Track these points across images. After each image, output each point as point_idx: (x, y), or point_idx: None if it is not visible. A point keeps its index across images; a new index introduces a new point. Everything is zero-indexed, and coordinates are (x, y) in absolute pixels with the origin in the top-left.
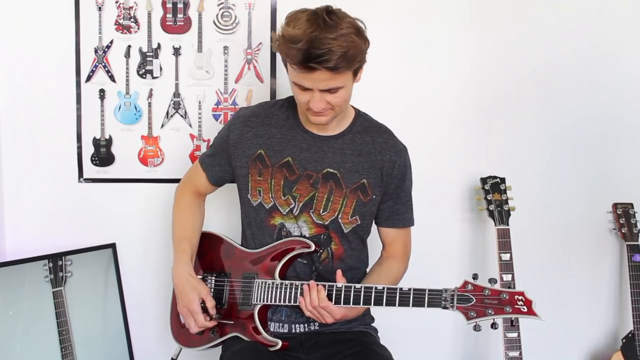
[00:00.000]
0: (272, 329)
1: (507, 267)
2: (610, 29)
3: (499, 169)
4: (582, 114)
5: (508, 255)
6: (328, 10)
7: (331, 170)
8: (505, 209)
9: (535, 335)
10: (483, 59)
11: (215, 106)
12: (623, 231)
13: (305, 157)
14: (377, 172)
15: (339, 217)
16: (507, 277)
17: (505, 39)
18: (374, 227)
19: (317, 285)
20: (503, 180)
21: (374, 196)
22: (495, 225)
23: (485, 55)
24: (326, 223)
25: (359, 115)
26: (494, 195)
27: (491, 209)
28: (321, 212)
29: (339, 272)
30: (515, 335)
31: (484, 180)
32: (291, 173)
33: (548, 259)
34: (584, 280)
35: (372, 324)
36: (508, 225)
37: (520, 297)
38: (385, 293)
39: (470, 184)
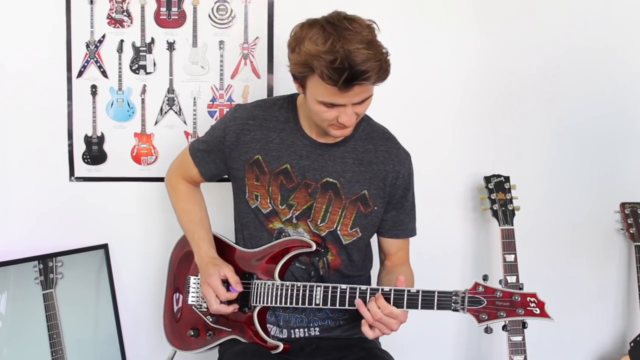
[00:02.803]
0: (271, 333)
1: (511, 268)
2: (617, 26)
3: (503, 167)
4: (589, 111)
5: (512, 256)
6: (343, 17)
7: (331, 180)
8: (510, 208)
9: (541, 339)
10: (487, 55)
11: (211, 102)
12: (631, 231)
13: (305, 165)
14: (379, 183)
15: (338, 228)
16: (512, 279)
17: (510, 35)
18: None
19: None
20: (507, 179)
21: (375, 207)
22: (500, 225)
23: (490, 51)
24: (323, 234)
25: (362, 120)
26: (498, 195)
27: (495, 208)
28: (319, 222)
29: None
30: (519, 338)
31: (487, 179)
32: (289, 181)
33: (554, 260)
34: (590, 282)
35: None
36: (512, 225)
37: (532, 299)
38: (392, 294)
39: (473, 182)
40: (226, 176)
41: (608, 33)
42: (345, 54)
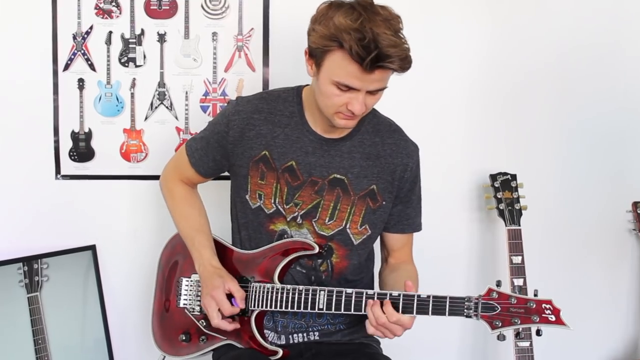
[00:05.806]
0: (268, 339)
1: (518, 270)
2: (629, 20)
3: (509, 165)
4: (600, 107)
5: (519, 257)
6: (373, 3)
7: (338, 176)
8: (517, 208)
9: (549, 344)
10: (494, 49)
11: (203, 97)
12: None
13: (311, 162)
14: (387, 177)
15: (347, 226)
16: (519, 281)
17: (518, 28)
18: None
19: (380, 300)
20: (514, 177)
21: (383, 202)
22: (506, 225)
23: (497, 45)
24: (330, 234)
25: (368, 113)
26: (504, 194)
27: (501, 208)
28: (326, 221)
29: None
30: (527, 344)
31: (493, 177)
32: (294, 179)
33: (563, 261)
34: (601, 285)
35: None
36: (519, 225)
37: (548, 306)
38: (401, 300)
39: (478, 181)
40: (224, 174)
41: (618, 27)
42: (373, 36)
